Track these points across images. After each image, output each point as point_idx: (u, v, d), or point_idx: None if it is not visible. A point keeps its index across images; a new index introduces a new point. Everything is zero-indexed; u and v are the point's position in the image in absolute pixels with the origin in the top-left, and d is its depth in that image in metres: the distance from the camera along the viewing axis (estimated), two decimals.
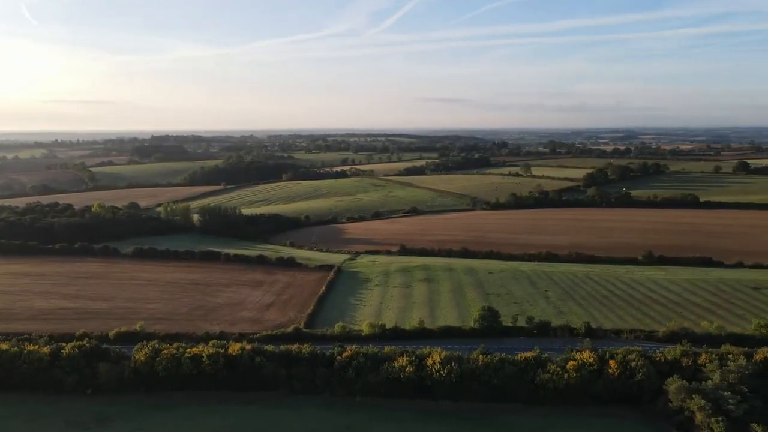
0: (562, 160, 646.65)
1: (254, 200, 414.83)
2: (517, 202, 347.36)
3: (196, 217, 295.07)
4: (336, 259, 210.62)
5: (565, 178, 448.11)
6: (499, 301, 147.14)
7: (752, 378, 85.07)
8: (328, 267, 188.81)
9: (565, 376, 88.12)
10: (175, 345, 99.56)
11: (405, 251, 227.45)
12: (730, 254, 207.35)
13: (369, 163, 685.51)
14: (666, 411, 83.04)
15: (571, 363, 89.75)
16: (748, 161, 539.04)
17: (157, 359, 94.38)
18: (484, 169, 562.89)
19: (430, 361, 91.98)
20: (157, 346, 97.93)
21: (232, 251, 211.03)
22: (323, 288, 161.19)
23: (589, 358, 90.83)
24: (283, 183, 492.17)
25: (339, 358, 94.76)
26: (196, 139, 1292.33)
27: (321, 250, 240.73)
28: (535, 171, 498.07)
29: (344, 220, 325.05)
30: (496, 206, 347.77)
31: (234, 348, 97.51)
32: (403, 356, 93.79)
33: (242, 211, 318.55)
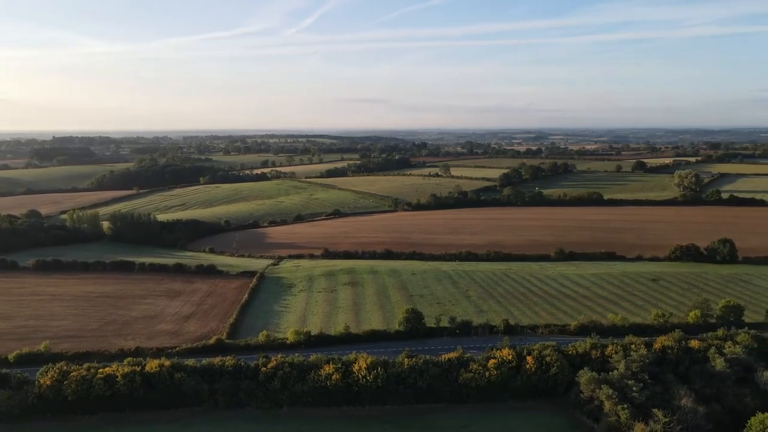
0: (479, 161, 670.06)
1: (170, 205, 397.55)
2: (438, 203, 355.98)
3: (106, 224, 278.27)
4: (258, 264, 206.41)
5: (483, 178, 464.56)
6: (422, 302, 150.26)
7: (652, 365, 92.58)
8: (250, 273, 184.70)
9: (487, 374, 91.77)
10: (86, 365, 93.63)
11: (329, 254, 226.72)
12: (631, 248, 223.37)
13: (290, 165, 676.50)
14: (578, 401, 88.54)
15: (491, 361, 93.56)
16: (645, 161, 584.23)
17: (65, 382, 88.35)
18: (405, 170, 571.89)
19: (356, 367, 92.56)
20: (64, 367, 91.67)
21: (147, 260, 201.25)
22: (246, 295, 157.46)
23: (509, 355, 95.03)
24: (201, 186, 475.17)
25: (264, 369, 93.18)
26: (104, 141, 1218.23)
27: (243, 256, 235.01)
28: (453, 171, 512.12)
29: (266, 224, 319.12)
30: (418, 207, 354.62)
31: (152, 365, 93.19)
32: (329, 364, 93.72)
33: (157, 217, 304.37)
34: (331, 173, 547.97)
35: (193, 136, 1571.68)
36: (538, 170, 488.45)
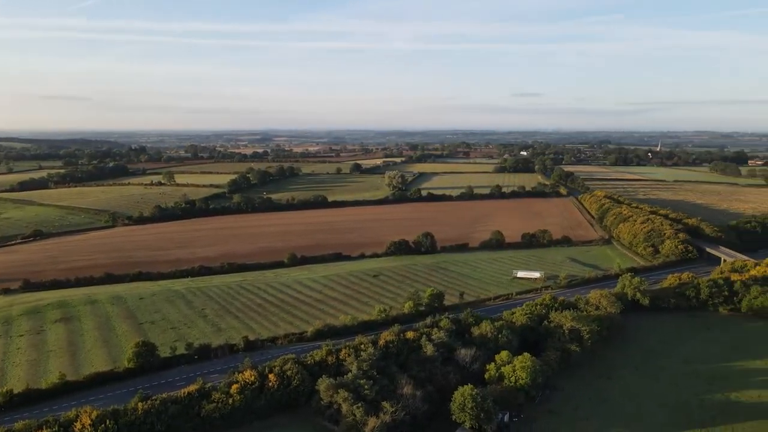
0: (205, 166, 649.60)
1: None
2: (164, 214, 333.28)
3: None
4: None
5: (211, 185, 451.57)
6: (154, 329, 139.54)
7: (379, 360, 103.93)
8: None
9: (230, 400, 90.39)
10: None
11: (31, 286, 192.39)
12: (355, 247, 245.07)
13: None
14: (319, 408, 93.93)
15: (234, 386, 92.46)
16: (360, 162, 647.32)
17: None
18: (122, 179, 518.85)
19: (78, 426, 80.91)
20: None
21: None
22: None
23: (251, 376, 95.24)
24: None
25: None
26: None
27: None
28: (179, 178, 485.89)
29: None
30: (141, 220, 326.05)
31: None
32: (42, 429, 79.96)
33: None
34: (26, 186, 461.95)
35: None
36: (266, 175, 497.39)
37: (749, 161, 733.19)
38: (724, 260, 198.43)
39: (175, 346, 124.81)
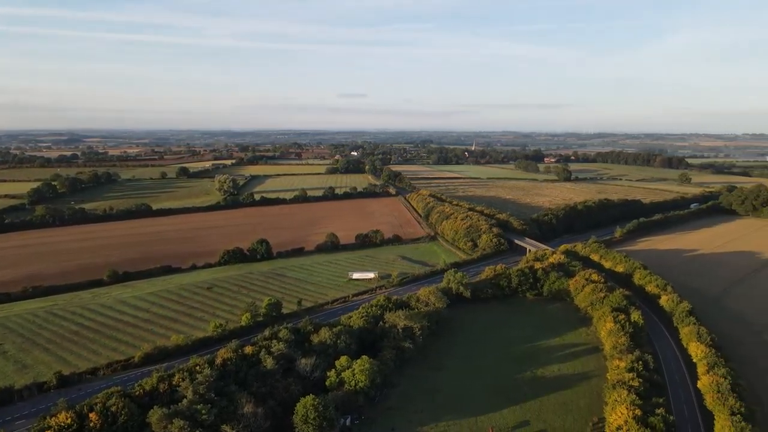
0: None
1: None
2: None
3: None
4: None
5: (5, 196, 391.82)
6: None
7: (217, 381, 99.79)
8: None
9: None
10: None
11: None
12: (186, 258, 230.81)
13: None
14: None
15: None
16: (187, 165, 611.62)
17: None
18: None
19: None
20: None
21: None
22: None
23: (67, 418, 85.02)
24: None
25: None
26: None
27: None
28: None
29: None
30: None
31: None
32: None
33: None
34: None
35: None
36: (77, 182, 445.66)
37: (545, 159, 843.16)
38: (529, 250, 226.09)
39: None
